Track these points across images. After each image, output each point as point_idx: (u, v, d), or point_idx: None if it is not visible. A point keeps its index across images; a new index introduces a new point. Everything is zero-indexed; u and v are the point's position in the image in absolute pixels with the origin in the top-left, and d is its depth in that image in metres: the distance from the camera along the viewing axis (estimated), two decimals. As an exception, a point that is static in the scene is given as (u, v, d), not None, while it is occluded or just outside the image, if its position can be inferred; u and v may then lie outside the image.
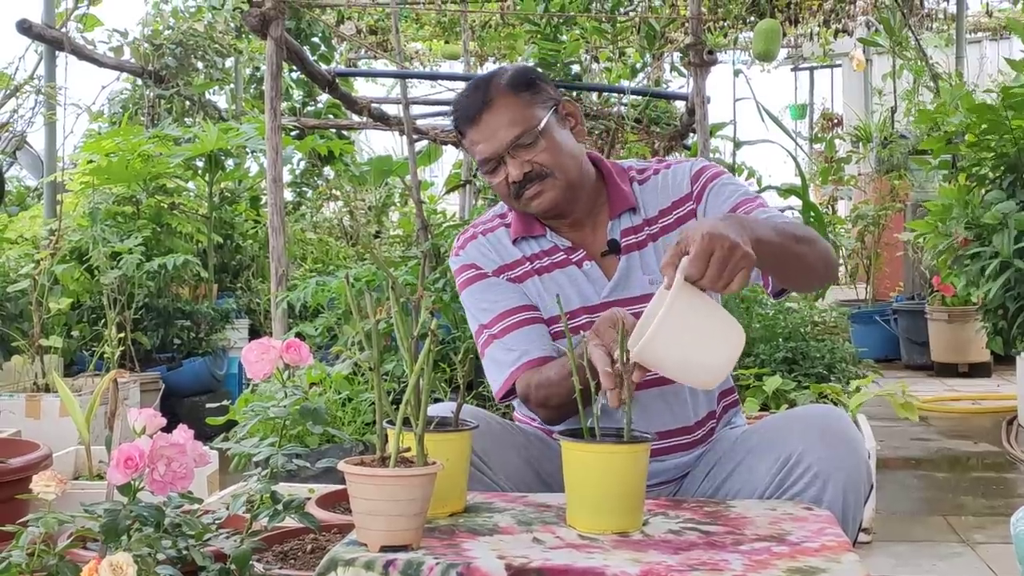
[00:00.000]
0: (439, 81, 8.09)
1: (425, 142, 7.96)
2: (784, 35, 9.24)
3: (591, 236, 2.12)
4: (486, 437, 1.88)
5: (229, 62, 7.85)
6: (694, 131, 4.85)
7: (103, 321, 4.79)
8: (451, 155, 9.59)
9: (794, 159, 6.28)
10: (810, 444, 1.80)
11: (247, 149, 6.30)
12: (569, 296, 2.07)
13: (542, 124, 2.02)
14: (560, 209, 2.06)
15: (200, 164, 6.21)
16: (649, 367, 1.63)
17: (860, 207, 9.03)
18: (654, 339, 1.56)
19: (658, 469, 2.01)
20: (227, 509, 1.85)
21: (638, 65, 5.13)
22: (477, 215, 4.43)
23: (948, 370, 7.44)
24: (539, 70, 2.09)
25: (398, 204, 9.22)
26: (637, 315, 1.88)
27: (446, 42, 11.64)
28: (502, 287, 2.10)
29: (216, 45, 7.34)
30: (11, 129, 5.48)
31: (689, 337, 1.56)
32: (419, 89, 10.42)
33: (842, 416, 1.86)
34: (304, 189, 8.98)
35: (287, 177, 8.30)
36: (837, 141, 10.42)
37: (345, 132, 8.82)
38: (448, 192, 7.95)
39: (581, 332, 1.79)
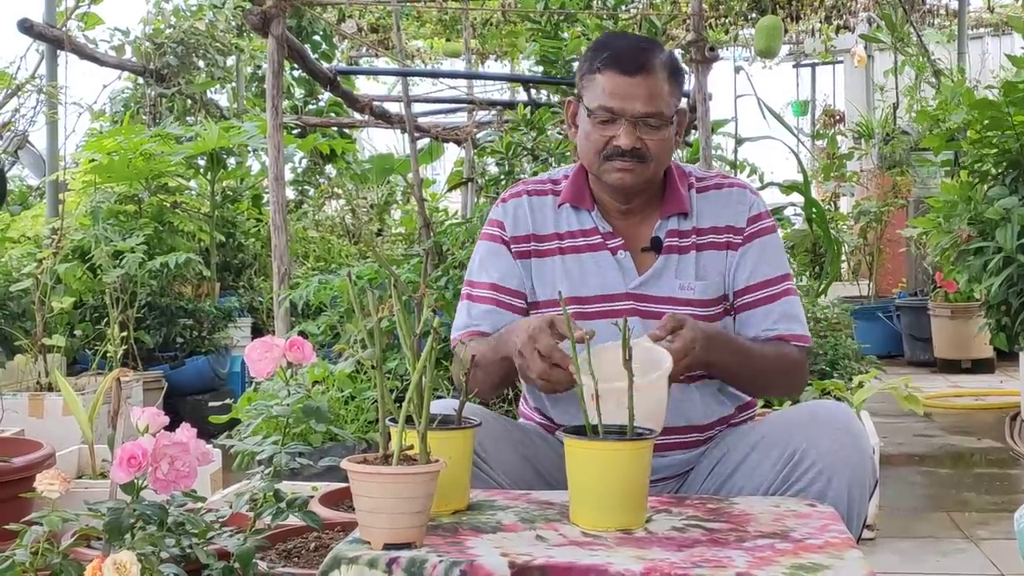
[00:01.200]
0: (440, 79, 8.08)
1: (427, 140, 7.96)
2: (786, 31, 9.22)
3: (635, 228, 2.12)
4: (484, 433, 1.89)
5: (231, 60, 7.84)
6: (696, 128, 4.83)
7: (106, 320, 4.79)
8: (453, 153, 9.59)
9: (796, 156, 6.27)
10: (815, 440, 1.80)
11: (249, 147, 6.31)
12: (590, 282, 2.08)
13: (674, 117, 2.05)
14: (631, 193, 2.08)
15: (202, 163, 6.21)
16: (604, 400, 1.67)
17: (862, 203, 9.01)
18: (637, 390, 1.63)
19: (661, 465, 2.01)
20: (230, 507, 1.85)
21: (640, 62, 5.12)
22: (479, 213, 4.42)
23: (951, 366, 7.43)
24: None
25: (400, 202, 9.22)
26: (657, 314, 1.97)
27: (447, 40, 11.64)
28: (507, 263, 2.13)
29: (217, 43, 7.34)
30: (13, 128, 5.47)
31: (645, 405, 1.68)
32: (420, 87, 10.41)
33: (847, 412, 1.87)
34: (306, 187, 8.98)
35: (289, 175, 8.31)
36: (839, 137, 10.40)
37: (347, 130, 8.82)
38: (450, 190, 7.93)
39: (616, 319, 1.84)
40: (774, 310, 2.07)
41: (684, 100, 2.18)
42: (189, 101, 7.16)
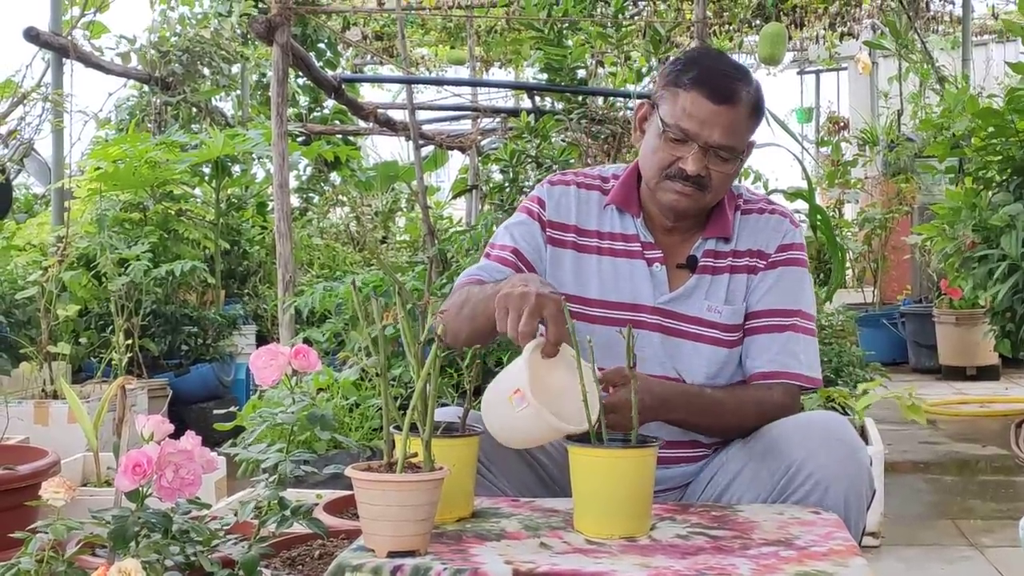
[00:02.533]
0: (445, 87, 8.09)
1: (431, 147, 7.96)
2: (790, 39, 9.23)
3: (676, 245, 2.10)
4: (488, 440, 1.89)
5: (235, 68, 7.87)
6: (700, 135, 4.84)
7: (111, 328, 4.79)
8: (457, 160, 9.60)
9: (800, 163, 6.27)
10: (811, 451, 1.80)
11: (254, 155, 6.32)
12: (624, 289, 2.06)
13: (744, 154, 2.03)
14: (682, 217, 2.06)
15: (207, 170, 6.22)
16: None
17: (867, 210, 9.01)
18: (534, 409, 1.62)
19: (665, 476, 2.00)
20: (235, 515, 1.85)
21: (643, 69, 5.12)
22: (483, 220, 4.43)
23: (956, 373, 7.42)
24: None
25: (404, 209, 9.23)
26: (680, 333, 2.02)
27: (452, 47, 11.65)
28: (534, 239, 2.10)
29: (223, 52, 7.36)
30: (19, 136, 5.49)
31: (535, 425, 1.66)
32: (425, 94, 10.43)
33: (843, 423, 1.86)
34: (311, 195, 9.00)
35: (293, 183, 8.32)
36: (843, 144, 10.40)
37: (351, 138, 8.84)
38: (455, 197, 7.96)
39: (625, 328, 1.79)
40: (776, 342, 2.03)
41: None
42: (194, 109, 7.17)
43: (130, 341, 4.70)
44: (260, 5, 7.71)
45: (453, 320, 1.92)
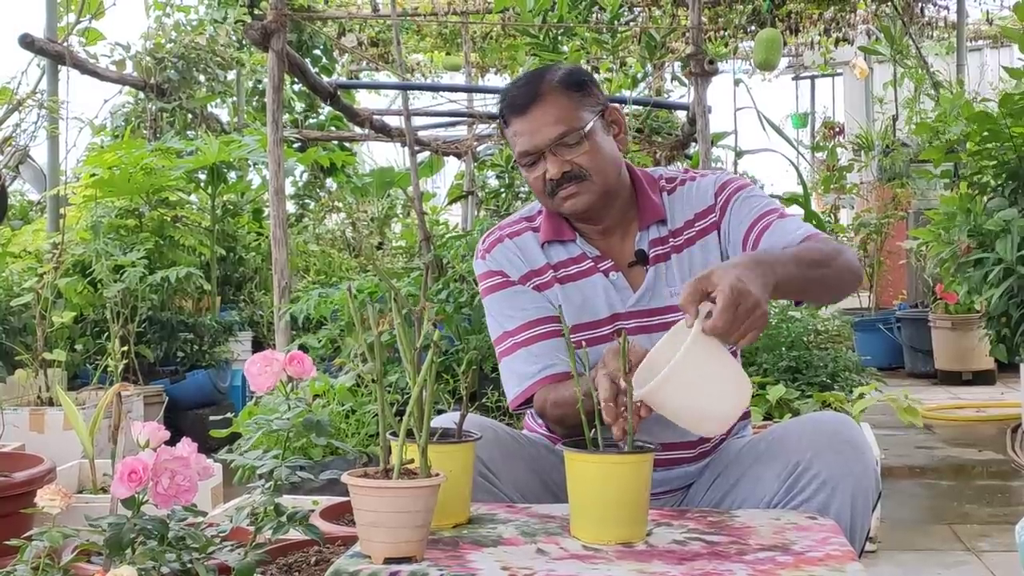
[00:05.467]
0: (440, 93, 8.10)
1: (427, 153, 7.98)
2: (785, 44, 9.24)
3: (619, 246, 2.11)
4: (494, 447, 1.88)
5: (231, 75, 7.86)
6: (696, 141, 4.85)
7: (106, 334, 4.79)
8: (453, 166, 9.61)
9: (796, 168, 6.29)
10: (818, 451, 1.80)
11: (249, 161, 6.31)
12: (596, 305, 2.06)
13: (588, 126, 2.01)
14: (592, 214, 2.06)
15: (202, 177, 6.22)
16: (655, 408, 1.64)
17: (862, 215, 9.02)
18: (665, 384, 1.57)
19: (663, 478, 2.00)
20: (231, 522, 1.85)
21: (639, 75, 5.14)
22: (479, 226, 4.43)
23: (952, 378, 7.42)
24: (591, 73, 2.09)
25: (400, 215, 9.24)
26: (662, 326, 1.93)
27: (447, 54, 11.67)
28: (529, 295, 2.09)
29: (218, 58, 7.36)
30: (14, 143, 5.48)
31: (700, 386, 1.57)
32: (421, 101, 10.44)
33: (850, 423, 1.86)
34: (306, 201, 8.99)
35: (289, 189, 8.33)
36: (839, 150, 10.42)
37: (347, 144, 8.84)
38: (450, 203, 7.95)
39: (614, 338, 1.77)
40: (775, 234, 1.99)
41: (605, 97, 2.11)
42: (190, 115, 7.17)
43: (126, 348, 4.70)
44: (255, 11, 7.72)
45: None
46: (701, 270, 1.83)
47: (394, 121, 7.30)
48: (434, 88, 9.29)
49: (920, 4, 9.46)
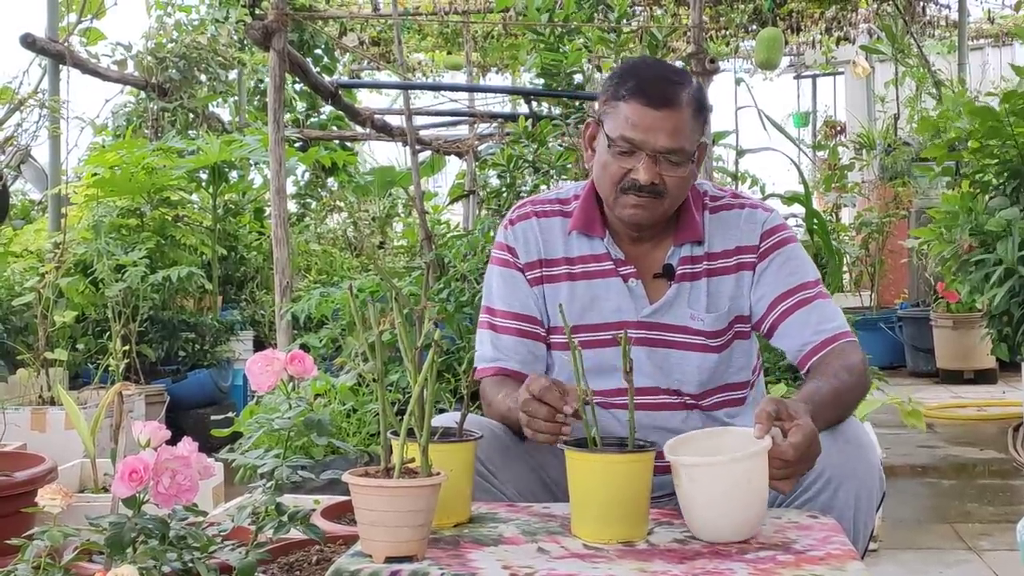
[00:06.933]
0: (442, 92, 8.09)
1: (428, 153, 7.96)
2: (786, 43, 9.25)
3: (648, 255, 2.09)
4: (493, 446, 1.88)
5: (232, 74, 7.86)
6: (697, 140, 4.84)
7: (108, 334, 4.79)
8: (454, 165, 9.60)
9: (797, 167, 6.28)
10: (823, 450, 1.79)
11: (251, 161, 6.31)
12: (604, 308, 2.05)
13: (695, 154, 2.00)
14: (643, 229, 2.05)
15: (204, 176, 6.22)
16: (683, 479, 1.61)
17: (864, 214, 9.02)
18: (719, 467, 1.57)
19: (666, 481, 2.00)
20: (232, 521, 1.85)
21: (640, 74, 5.12)
22: (480, 225, 4.42)
23: (953, 377, 7.42)
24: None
25: (402, 215, 9.23)
26: (666, 343, 1.98)
27: (449, 53, 11.67)
28: (523, 289, 2.10)
29: (219, 58, 7.35)
30: (15, 143, 5.49)
31: (741, 487, 1.57)
32: (422, 100, 10.46)
33: (854, 422, 1.86)
34: (308, 200, 8.99)
35: (291, 188, 8.32)
36: (840, 149, 10.42)
37: (348, 143, 8.84)
38: (452, 202, 7.93)
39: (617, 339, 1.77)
40: (813, 315, 2.01)
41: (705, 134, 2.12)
42: (191, 115, 7.17)
43: (127, 347, 4.70)
44: (257, 11, 7.72)
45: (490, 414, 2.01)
46: (724, 305, 1.99)
47: (395, 120, 7.29)
48: (435, 87, 9.30)
49: (921, 3, 9.45)
